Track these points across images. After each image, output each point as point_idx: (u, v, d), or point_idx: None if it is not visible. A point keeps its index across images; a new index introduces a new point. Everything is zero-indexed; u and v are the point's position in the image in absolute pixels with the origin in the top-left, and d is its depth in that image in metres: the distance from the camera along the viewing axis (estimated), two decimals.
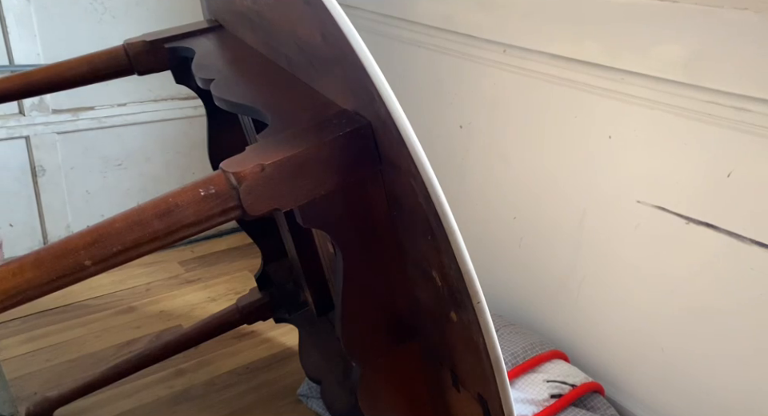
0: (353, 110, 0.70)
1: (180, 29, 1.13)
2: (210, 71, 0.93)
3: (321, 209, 0.68)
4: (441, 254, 0.63)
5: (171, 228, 0.61)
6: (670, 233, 1.22)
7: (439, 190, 0.60)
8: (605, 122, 1.26)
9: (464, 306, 0.64)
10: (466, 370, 0.73)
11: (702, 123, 1.11)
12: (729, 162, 1.09)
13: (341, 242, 0.71)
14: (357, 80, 0.64)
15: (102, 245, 0.59)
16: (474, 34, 1.50)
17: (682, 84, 1.11)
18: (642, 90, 1.19)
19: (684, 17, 1.09)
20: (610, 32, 1.22)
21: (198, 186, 0.62)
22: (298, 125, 0.70)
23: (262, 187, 0.63)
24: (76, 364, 1.56)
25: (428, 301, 0.74)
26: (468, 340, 0.67)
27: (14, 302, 0.58)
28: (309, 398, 1.48)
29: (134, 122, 1.95)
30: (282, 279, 1.43)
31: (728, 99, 1.05)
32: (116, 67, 1.09)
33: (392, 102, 0.60)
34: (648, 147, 1.22)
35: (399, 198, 0.68)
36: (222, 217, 0.63)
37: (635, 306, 1.34)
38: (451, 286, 0.65)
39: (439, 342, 0.77)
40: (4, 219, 1.83)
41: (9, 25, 1.66)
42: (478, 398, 0.71)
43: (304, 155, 0.64)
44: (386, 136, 0.64)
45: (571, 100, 1.18)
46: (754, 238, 1.09)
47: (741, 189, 1.09)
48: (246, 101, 0.81)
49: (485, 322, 0.62)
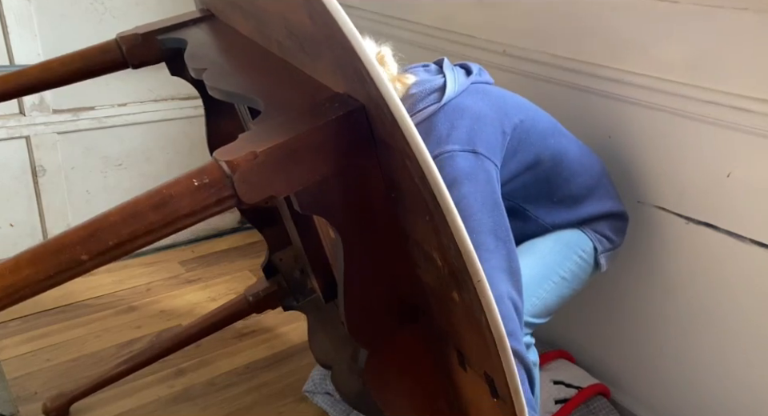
0: (345, 93, 0.69)
1: (172, 20, 1.11)
2: (202, 61, 0.92)
3: (317, 194, 0.67)
4: (439, 234, 0.63)
5: (167, 219, 0.60)
6: (670, 233, 1.22)
7: (434, 170, 0.58)
8: (605, 122, 1.26)
9: (465, 285, 0.63)
10: (471, 349, 0.72)
11: (701, 123, 1.11)
12: (729, 162, 1.09)
13: (340, 227, 0.70)
14: (346, 61, 0.62)
15: (98, 239, 0.58)
16: (473, 34, 1.50)
17: (682, 84, 1.11)
18: (642, 90, 1.19)
19: (684, 17, 1.09)
20: (610, 32, 1.22)
21: (192, 177, 0.61)
22: (291, 111, 0.69)
23: (255, 175, 0.62)
24: (76, 364, 1.56)
25: (431, 282, 0.73)
26: (471, 319, 0.66)
27: (12, 300, 0.57)
28: (314, 394, 1.48)
29: (134, 122, 1.95)
30: (288, 268, 1.43)
31: (728, 99, 1.05)
32: (110, 62, 1.08)
33: (382, 83, 0.58)
34: (648, 147, 1.22)
35: (396, 180, 0.68)
36: (218, 206, 0.62)
37: (635, 306, 1.34)
38: (452, 266, 0.64)
39: (444, 323, 0.76)
40: (4, 219, 1.83)
41: (9, 25, 1.66)
42: (484, 377, 0.70)
43: (297, 141, 0.63)
44: (379, 118, 0.63)
45: (571, 100, 1.18)
46: (754, 238, 1.09)
47: (741, 189, 1.09)
48: (238, 89, 0.79)
49: (486, 301, 0.62)
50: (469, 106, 1.06)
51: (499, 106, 1.09)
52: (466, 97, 1.08)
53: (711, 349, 1.21)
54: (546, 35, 1.34)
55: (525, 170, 1.10)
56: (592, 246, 1.16)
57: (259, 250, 2.13)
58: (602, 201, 1.17)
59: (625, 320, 1.37)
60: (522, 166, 1.09)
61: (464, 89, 1.09)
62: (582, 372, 1.41)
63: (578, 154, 1.15)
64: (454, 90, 1.08)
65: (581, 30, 1.27)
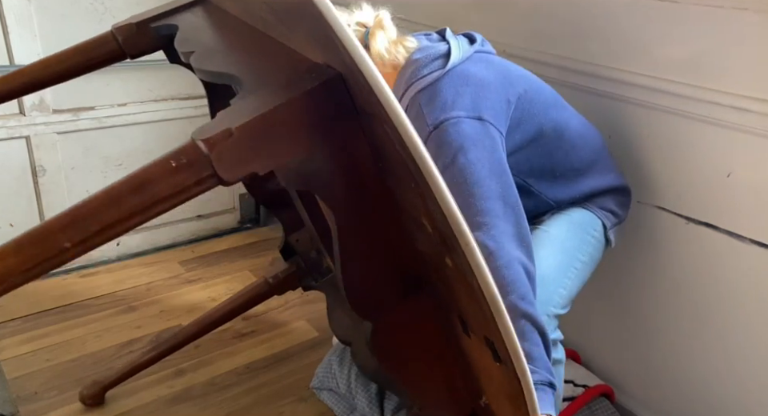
0: (324, 63, 0.66)
1: (166, 6, 1.10)
2: (191, 44, 0.91)
3: (301, 168, 0.65)
4: (426, 199, 0.61)
5: (147, 202, 0.59)
6: (670, 233, 1.22)
7: (413, 134, 0.56)
8: (605, 122, 1.26)
9: (455, 249, 0.61)
10: (470, 314, 0.71)
11: (701, 123, 1.11)
12: (729, 162, 1.09)
13: (329, 201, 0.69)
14: (319, 30, 0.60)
15: (80, 225, 0.58)
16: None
17: (682, 84, 1.11)
18: (642, 90, 1.19)
19: (684, 17, 1.09)
20: (610, 32, 1.22)
21: (170, 158, 0.60)
22: (271, 85, 0.67)
23: (233, 152, 0.60)
24: (76, 364, 1.56)
25: (427, 250, 0.72)
26: (465, 284, 0.64)
27: (1, 290, 0.57)
28: (320, 391, 1.48)
29: (134, 122, 1.95)
30: (305, 248, 1.43)
31: (728, 99, 1.05)
32: (108, 53, 1.08)
33: (355, 49, 0.56)
34: (648, 147, 1.22)
35: (381, 148, 0.66)
36: (198, 187, 0.61)
37: (635, 307, 1.34)
38: (441, 231, 0.62)
39: (444, 291, 0.75)
40: (4, 219, 1.83)
41: (9, 25, 1.66)
42: (485, 341, 0.69)
43: (273, 114, 0.61)
44: (357, 86, 0.61)
45: (571, 100, 1.18)
46: (754, 238, 1.09)
47: (741, 189, 1.09)
48: (222, 69, 0.78)
49: (476, 263, 0.60)
50: (474, 73, 1.05)
51: (504, 75, 1.08)
52: (471, 64, 1.07)
53: (712, 349, 1.21)
54: (545, 35, 1.34)
55: (528, 143, 1.09)
56: (601, 223, 1.15)
57: (259, 250, 2.13)
58: (604, 175, 1.17)
59: (625, 320, 1.37)
60: (525, 138, 1.08)
61: (468, 56, 1.08)
62: (588, 372, 1.42)
63: (578, 127, 1.15)
64: (459, 57, 1.07)
65: (581, 30, 1.27)
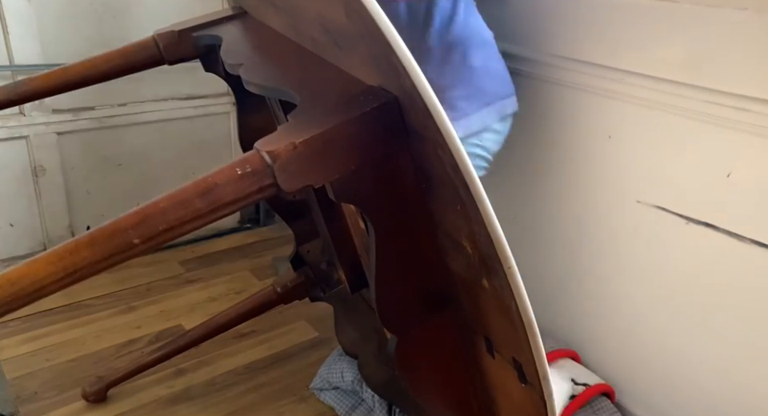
0: (378, 86, 0.72)
1: (207, 17, 1.17)
2: (238, 56, 0.96)
3: (351, 183, 0.71)
4: (470, 222, 0.65)
5: (212, 206, 0.65)
6: (670, 233, 1.22)
7: (467, 159, 0.61)
8: (605, 122, 1.26)
9: (495, 271, 0.66)
10: (500, 335, 0.75)
11: (701, 123, 1.11)
12: (729, 162, 1.09)
13: (372, 216, 0.74)
14: (381, 55, 0.66)
15: (149, 224, 0.63)
16: None
17: (682, 84, 1.11)
18: (641, 90, 1.19)
19: (684, 17, 1.09)
20: (609, 32, 1.22)
21: (236, 166, 0.65)
22: (327, 103, 0.72)
23: (295, 164, 0.66)
24: (76, 364, 1.56)
25: (460, 270, 0.76)
26: (501, 305, 0.68)
27: (71, 280, 0.62)
28: (322, 391, 1.48)
29: (134, 122, 1.95)
30: (315, 259, 1.46)
31: (728, 99, 1.05)
32: (148, 58, 1.14)
33: (416, 74, 0.61)
34: (648, 147, 1.22)
35: (428, 169, 0.71)
36: (259, 194, 0.66)
37: (635, 307, 1.34)
38: (482, 253, 0.67)
39: (473, 310, 0.79)
40: (4, 219, 1.83)
41: (9, 25, 1.66)
42: (512, 362, 0.73)
43: (333, 132, 0.67)
44: (412, 109, 0.66)
45: (571, 100, 1.18)
46: (754, 238, 1.09)
47: (740, 189, 1.09)
48: (274, 83, 0.83)
49: (516, 287, 0.64)
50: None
51: None
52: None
53: (712, 349, 1.21)
54: (545, 35, 1.34)
55: None
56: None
57: (259, 250, 2.13)
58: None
59: (625, 321, 1.37)
60: None
61: None
62: (588, 371, 1.42)
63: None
64: None
65: (580, 29, 1.27)
